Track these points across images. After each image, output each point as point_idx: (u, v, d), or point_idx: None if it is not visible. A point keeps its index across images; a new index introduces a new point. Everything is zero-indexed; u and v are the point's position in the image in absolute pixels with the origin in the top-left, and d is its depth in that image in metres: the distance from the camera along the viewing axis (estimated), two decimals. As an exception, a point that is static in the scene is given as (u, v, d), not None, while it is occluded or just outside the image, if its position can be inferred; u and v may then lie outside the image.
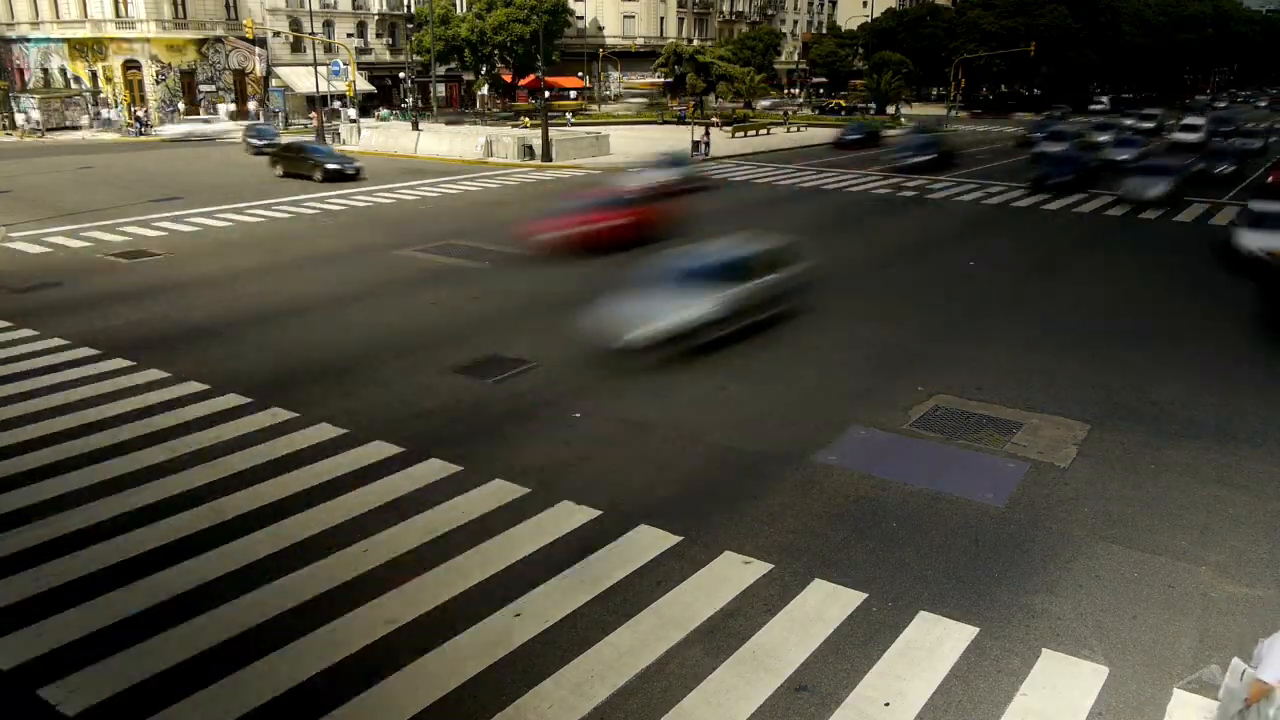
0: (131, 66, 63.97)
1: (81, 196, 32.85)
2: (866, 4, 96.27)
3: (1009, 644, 7.92)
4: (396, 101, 75.18)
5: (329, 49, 67.03)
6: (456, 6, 76.12)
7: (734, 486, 10.78)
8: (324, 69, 58.82)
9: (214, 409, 12.92)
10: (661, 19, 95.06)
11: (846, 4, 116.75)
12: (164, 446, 11.67)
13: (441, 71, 75.99)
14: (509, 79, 79.89)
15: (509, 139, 46.96)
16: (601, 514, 10.04)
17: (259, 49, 67.78)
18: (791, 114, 70.78)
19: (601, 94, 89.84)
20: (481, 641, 7.86)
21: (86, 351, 15.46)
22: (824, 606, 8.41)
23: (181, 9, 64.83)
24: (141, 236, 25.79)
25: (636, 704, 7.15)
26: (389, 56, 76.28)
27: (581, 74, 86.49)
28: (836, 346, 16.09)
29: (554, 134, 46.05)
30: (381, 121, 54.44)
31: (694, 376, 14.41)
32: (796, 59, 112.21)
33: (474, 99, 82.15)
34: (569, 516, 10.01)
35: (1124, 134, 50.35)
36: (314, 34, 67.24)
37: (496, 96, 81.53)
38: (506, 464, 11.27)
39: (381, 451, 11.61)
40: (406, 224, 27.93)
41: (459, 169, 41.56)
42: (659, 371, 14.57)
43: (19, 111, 59.31)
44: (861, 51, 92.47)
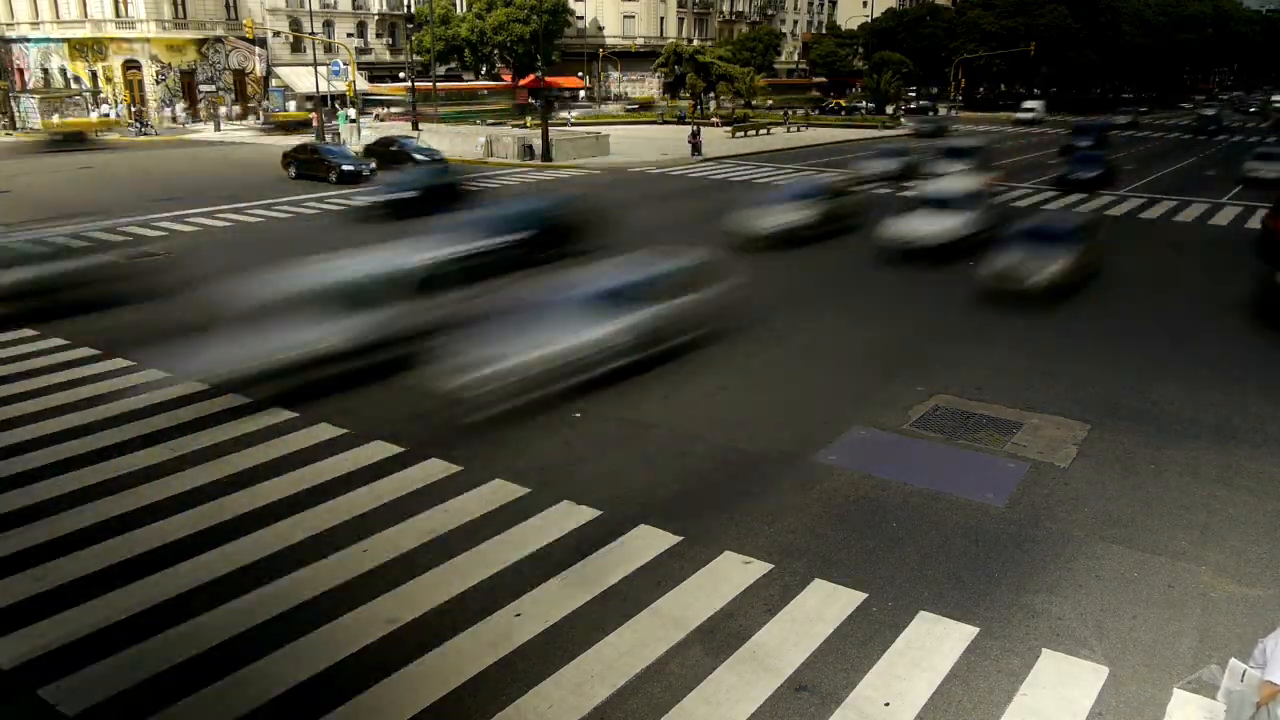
0: (131, 66, 63.99)
1: (81, 196, 32.83)
2: (866, 4, 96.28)
3: (1009, 644, 7.92)
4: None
5: (329, 49, 67.03)
6: (456, 6, 76.17)
7: (734, 486, 10.78)
8: (324, 69, 58.84)
9: (214, 409, 12.92)
10: (661, 19, 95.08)
11: (846, 4, 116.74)
12: (164, 446, 11.67)
13: (441, 71, 76.03)
14: (509, 79, 79.90)
15: (509, 139, 46.96)
16: (601, 514, 10.04)
17: (259, 49, 67.80)
18: (792, 114, 70.78)
19: (602, 94, 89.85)
20: (481, 641, 7.86)
21: (86, 351, 15.46)
22: (824, 606, 8.41)
23: (181, 9, 64.85)
24: (141, 236, 25.79)
25: (636, 704, 7.15)
26: (389, 56, 76.29)
27: (581, 74, 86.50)
28: (837, 346, 16.08)
29: (554, 134, 46.04)
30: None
31: (694, 376, 14.41)
32: (796, 59, 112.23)
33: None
34: (569, 516, 10.01)
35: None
36: (314, 34, 67.26)
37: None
38: (506, 464, 11.27)
39: (381, 451, 11.61)
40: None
41: (457, 168, 41.47)
42: (659, 371, 14.56)
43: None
44: (861, 51, 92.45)
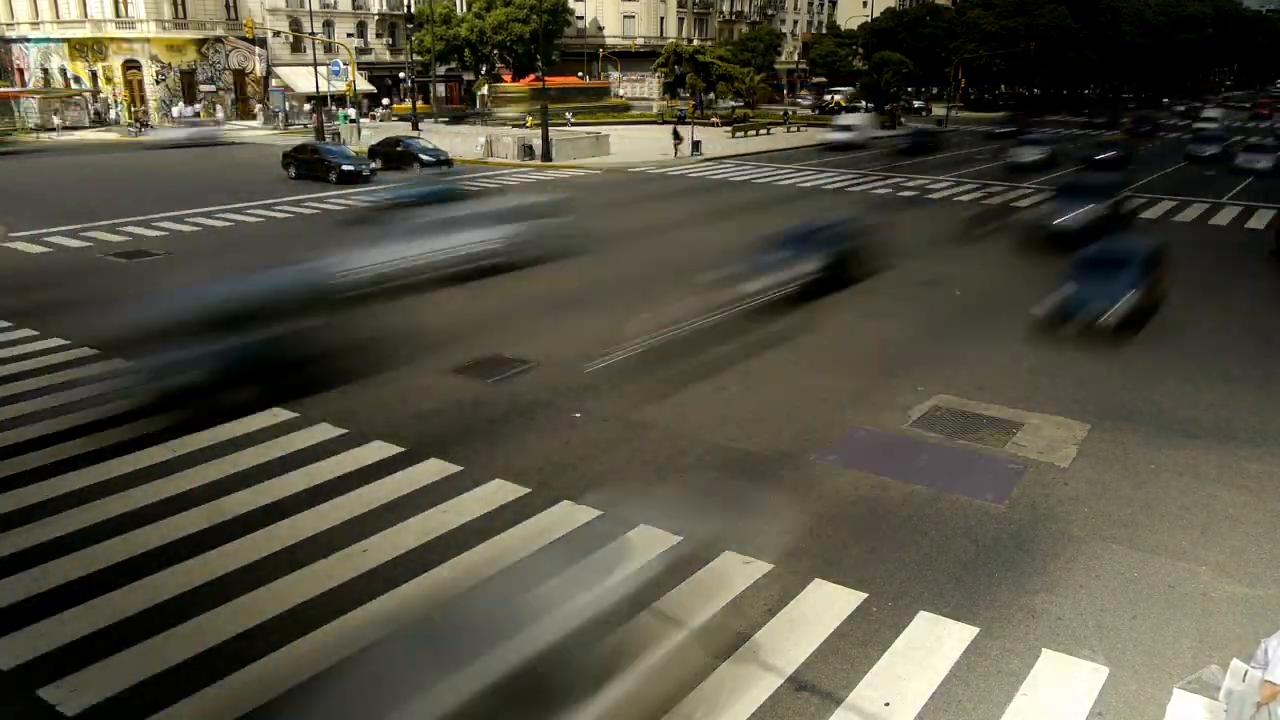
0: (131, 66, 63.97)
1: (81, 196, 32.83)
2: (866, 4, 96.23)
3: (1009, 644, 7.92)
4: (397, 101, 75.17)
5: (329, 49, 67.02)
6: (457, 6, 76.15)
7: (734, 486, 10.78)
8: (324, 69, 58.83)
9: (214, 409, 12.90)
10: (661, 19, 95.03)
11: (846, 4, 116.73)
12: (164, 446, 11.67)
13: (441, 71, 76.01)
14: (509, 79, 79.87)
15: (509, 139, 46.96)
16: (601, 514, 10.04)
17: (259, 49, 67.77)
18: (792, 114, 70.79)
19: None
20: (481, 641, 7.85)
21: (86, 351, 15.45)
22: (824, 606, 8.41)
23: (181, 9, 64.83)
24: (141, 236, 25.79)
25: (637, 704, 7.14)
26: (389, 56, 76.25)
27: (581, 74, 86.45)
28: (836, 346, 16.08)
29: (554, 134, 46.04)
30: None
31: (694, 376, 14.41)
32: (796, 59, 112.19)
33: (474, 99, 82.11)
34: (569, 516, 10.01)
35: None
36: (314, 34, 67.24)
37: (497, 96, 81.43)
38: (506, 464, 11.27)
39: (381, 451, 11.61)
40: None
41: (459, 170, 41.52)
42: (659, 372, 14.57)
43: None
44: (861, 51, 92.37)
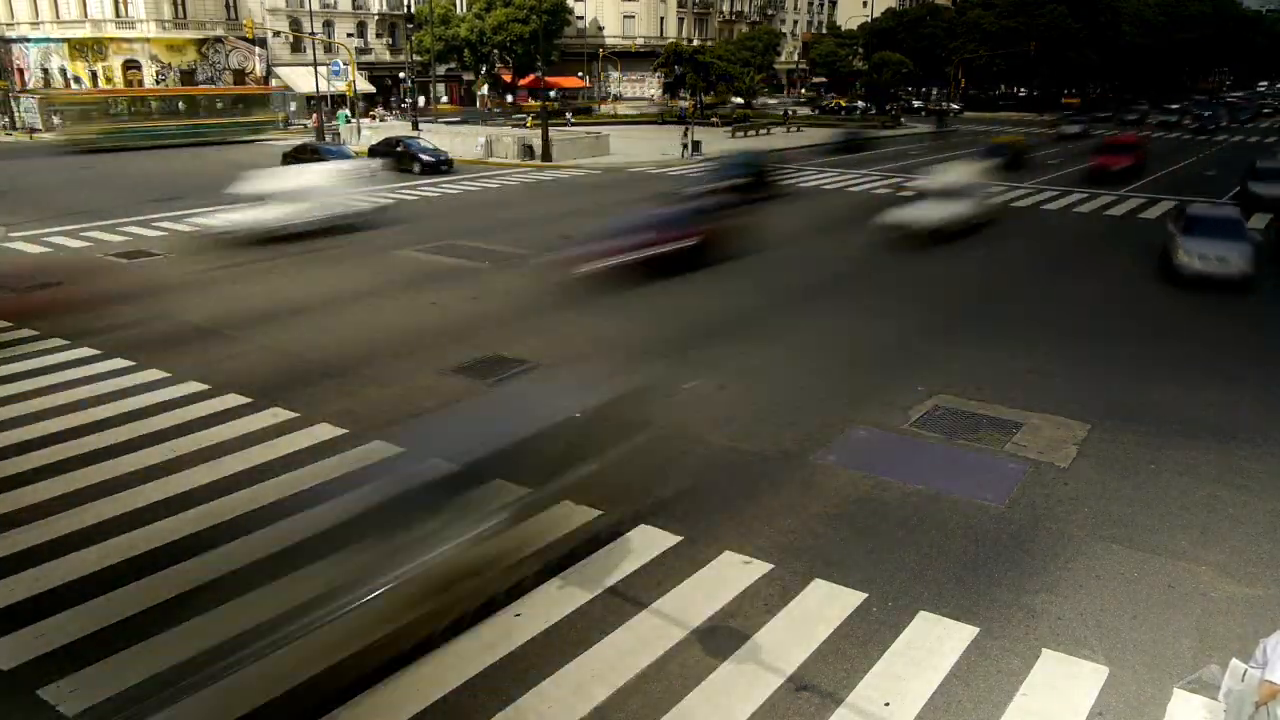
0: (131, 66, 64.02)
1: (81, 196, 32.84)
2: (866, 4, 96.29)
3: (1009, 644, 7.92)
4: (396, 101, 75.22)
5: (329, 49, 67.03)
6: (457, 6, 76.16)
7: (734, 486, 10.78)
8: (324, 69, 58.85)
9: (214, 409, 12.92)
10: (661, 19, 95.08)
11: (846, 4, 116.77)
12: (164, 446, 11.67)
13: (441, 71, 76.04)
14: (509, 79, 79.91)
15: (509, 139, 46.98)
16: (601, 514, 10.04)
17: (259, 49, 67.82)
18: (792, 113, 70.82)
19: (601, 94, 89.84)
20: (481, 641, 7.86)
21: (86, 351, 15.45)
22: (824, 606, 8.41)
23: (181, 9, 64.88)
24: (141, 236, 25.79)
25: (636, 704, 7.15)
26: (389, 56, 76.30)
27: (581, 74, 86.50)
28: (836, 346, 16.08)
29: (554, 134, 46.07)
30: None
31: (694, 376, 14.41)
32: (796, 59, 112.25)
33: (474, 98, 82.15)
34: (569, 516, 10.00)
35: None
36: (314, 34, 67.26)
37: (497, 96, 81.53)
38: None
39: (381, 451, 11.58)
40: (408, 223, 27.93)
41: (459, 169, 41.55)
42: (659, 371, 14.57)
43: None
44: (861, 51, 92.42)
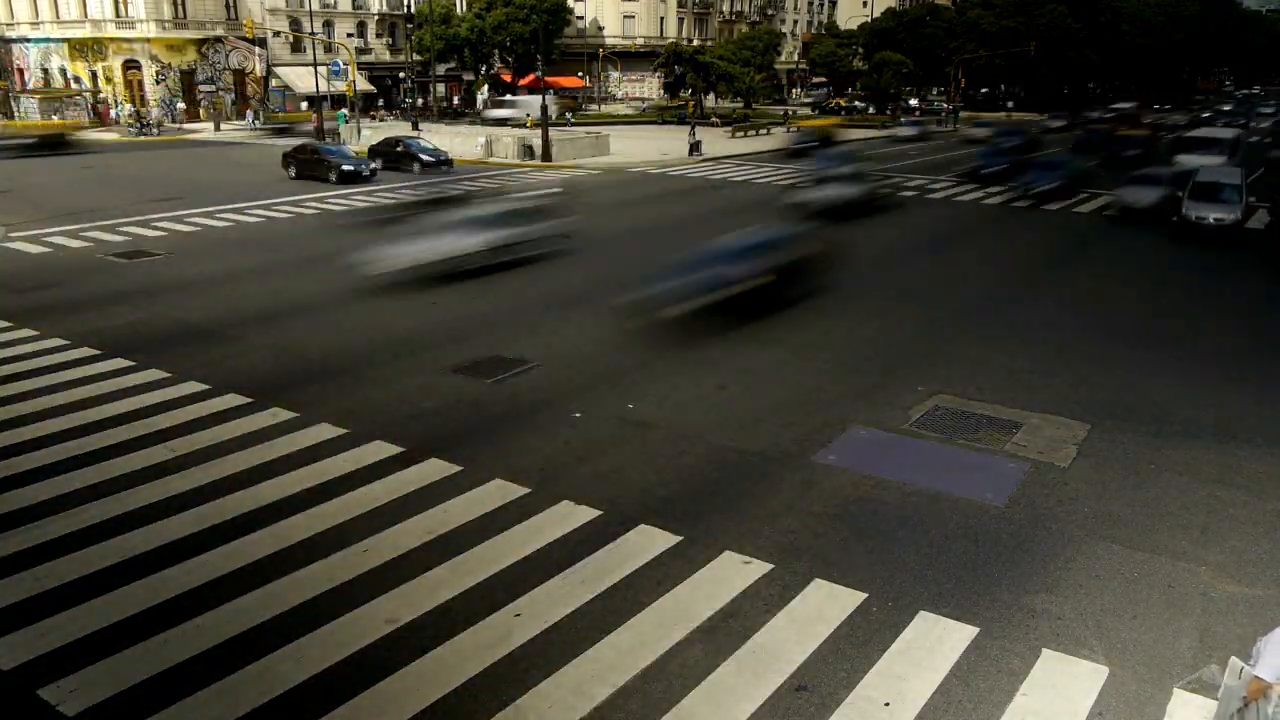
0: (131, 66, 64.00)
1: (81, 196, 32.85)
2: (866, 4, 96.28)
3: (1009, 644, 7.92)
4: (396, 101, 75.21)
5: (329, 49, 67.02)
6: (457, 6, 76.13)
7: (734, 486, 10.78)
8: (324, 69, 58.83)
9: (214, 409, 12.92)
10: (661, 19, 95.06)
11: (846, 4, 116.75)
12: (164, 446, 11.67)
13: (441, 71, 76.01)
14: (509, 79, 79.88)
15: (509, 139, 46.98)
16: (601, 514, 10.04)
17: (259, 49, 67.79)
18: (792, 114, 70.80)
19: (601, 94, 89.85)
20: (481, 641, 7.86)
21: (86, 351, 15.45)
22: (824, 606, 8.41)
23: (181, 9, 64.85)
24: (141, 236, 25.80)
25: (636, 704, 7.15)
26: (389, 56, 76.29)
27: (581, 74, 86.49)
28: (837, 345, 16.08)
29: (554, 134, 46.06)
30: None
31: (694, 376, 14.42)
32: (796, 59, 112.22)
33: (474, 98, 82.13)
34: (569, 516, 10.01)
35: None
36: (314, 34, 67.24)
37: (497, 96, 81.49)
38: (506, 464, 11.27)
39: (381, 451, 11.61)
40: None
41: (460, 169, 41.55)
42: (659, 371, 14.58)
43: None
44: (861, 51, 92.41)
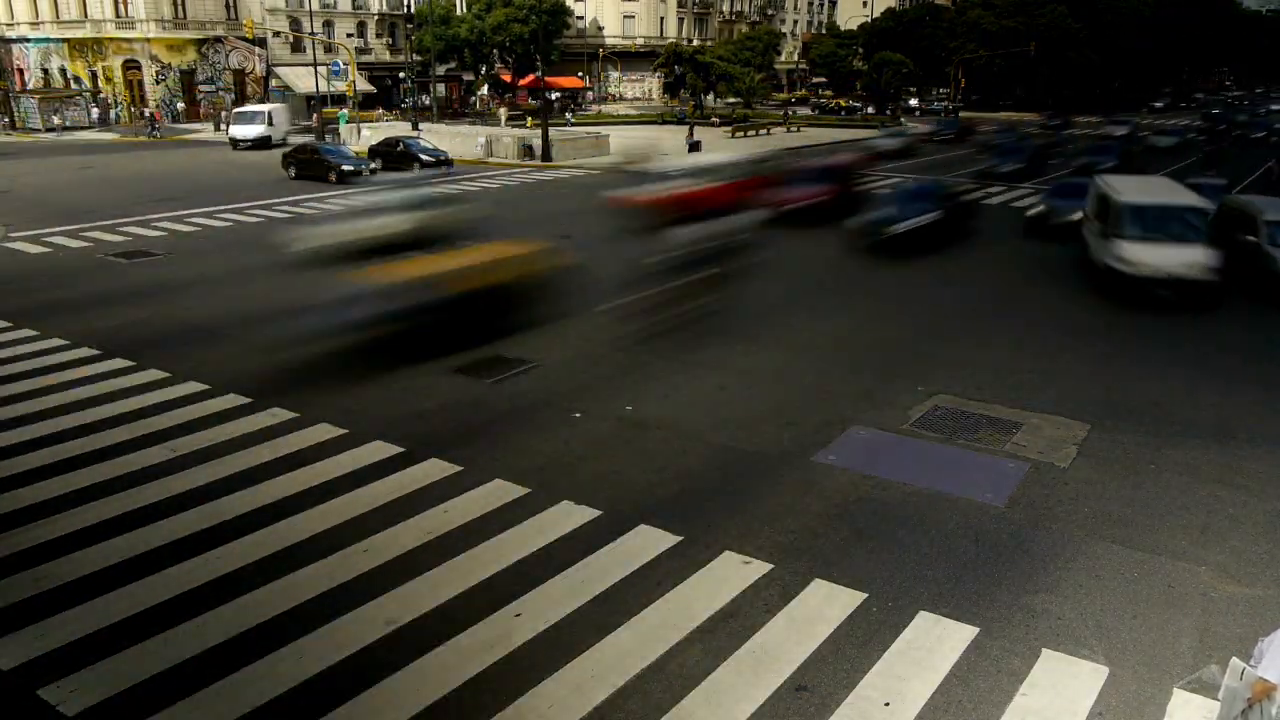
0: (131, 66, 64.02)
1: (81, 196, 32.84)
2: (866, 4, 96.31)
3: (1009, 644, 7.92)
4: (397, 101, 75.19)
5: (329, 49, 67.03)
6: (456, 6, 76.14)
7: (734, 486, 10.78)
8: (324, 69, 58.85)
9: (214, 409, 12.92)
10: (661, 19, 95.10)
11: (846, 4, 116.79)
12: (164, 446, 11.67)
13: (441, 71, 76.02)
14: (509, 79, 79.89)
15: (509, 139, 47.01)
16: (601, 514, 10.04)
17: (259, 49, 67.81)
18: (792, 114, 70.84)
19: (601, 94, 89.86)
20: (481, 641, 7.86)
21: (86, 351, 15.45)
22: (824, 606, 8.41)
23: (181, 9, 64.86)
24: (141, 236, 25.80)
25: (636, 704, 7.15)
26: (389, 56, 76.30)
27: (581, 74, 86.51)
28: (837, 346, 16.08)
29: (554, 134, 46.09)
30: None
31: (694, 376, 14.42)
32: (796, 59, 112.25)
33: (474, 98, 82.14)
34: (569, 516, 10.01)
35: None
36: (314, 34, 67.26)
37: (496, 96, 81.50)
38: (506, 464, 11.27)
39: (381, 451, 11.61)
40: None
41: (460, 169, 41.56)
42: (659, 371, 14.58)
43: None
44: (861, 51, 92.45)
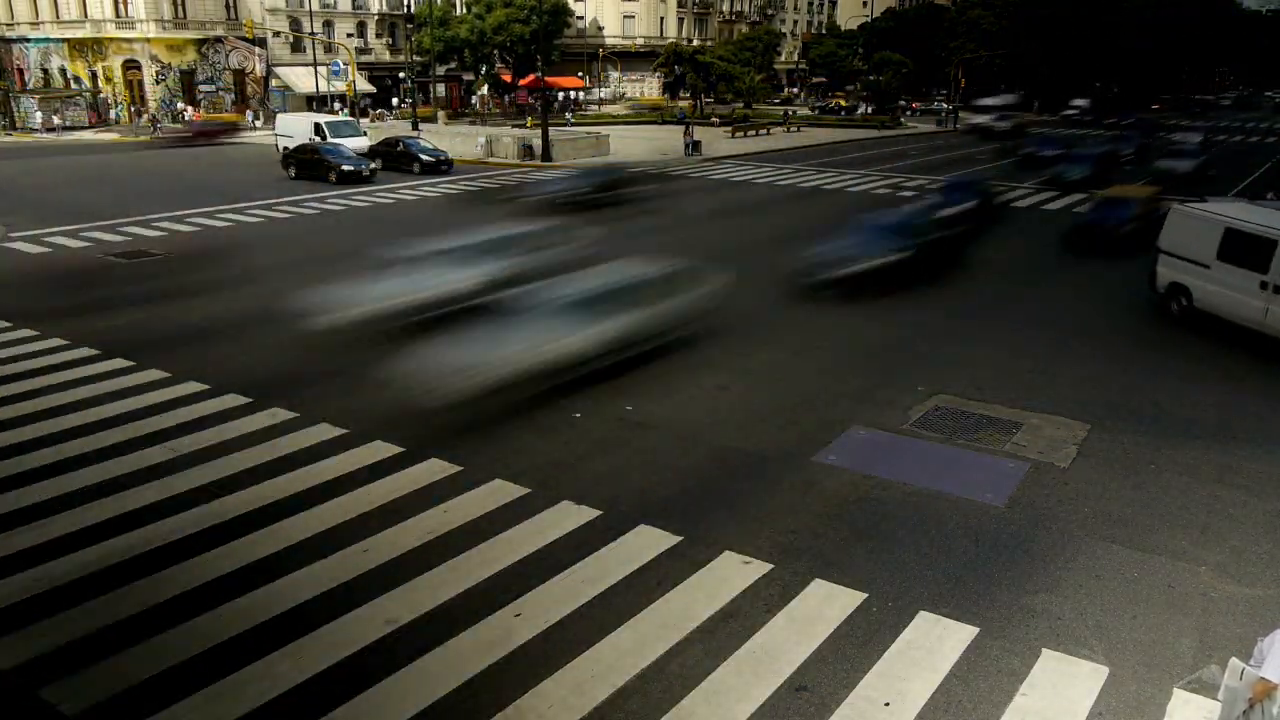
0: (131, 66, 64.01)
1: (81, 196, 32.84)
2: (866, 4, 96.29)
3: (1009, 644, 7.92)
4: (397, 101, 75.17)
5: (329, 49, 67.03)
6: (456, 7, 76.13)
7: (734, 486, 10.78)
8: (324, 69, 58.84)
9: (214, 409, 12.92)
10: (661, 19, 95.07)
11: (846, 4, 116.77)
12: (164, 446, 11.67)
13: (441, 71, 76.01)
14: (509, 79, 79.86)
15: (508, 139, 47.00)
16: (601, 514, 10.04)
17: (259, 49, 67.77)
18: (792, 114, 70.83)
19: (600, 94, 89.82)
20: (481, 641, 7.86)
21: (86, 351, 15.45)
22: (824, 606, 8.41)
23: (181, 9, 64.84)
24: (141, 236, 25.80)
25: (636, 704, 7.16)
26: (389, 56, 76.26)
27: (581, 74, 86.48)
28: (837, 346, 16.08)
29: (554, 134, 46.08)
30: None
31: (694, 376, 14.42)
32: (796, 59, 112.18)
33: (474, 98, 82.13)
34: (569, 516, 10.01)
35: None
36: (314, 34, 67.27)
37: (496, 96, 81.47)
38: (506, 464, 11.27)
39: (381, 451, 11.61)
40: (409, 223, 27.91)
41: (460, 169, 41.56)
42: (659, 371, 14.57)
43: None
44: (861, 51, 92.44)
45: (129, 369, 14.59)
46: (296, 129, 43.91)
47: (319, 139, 42.42)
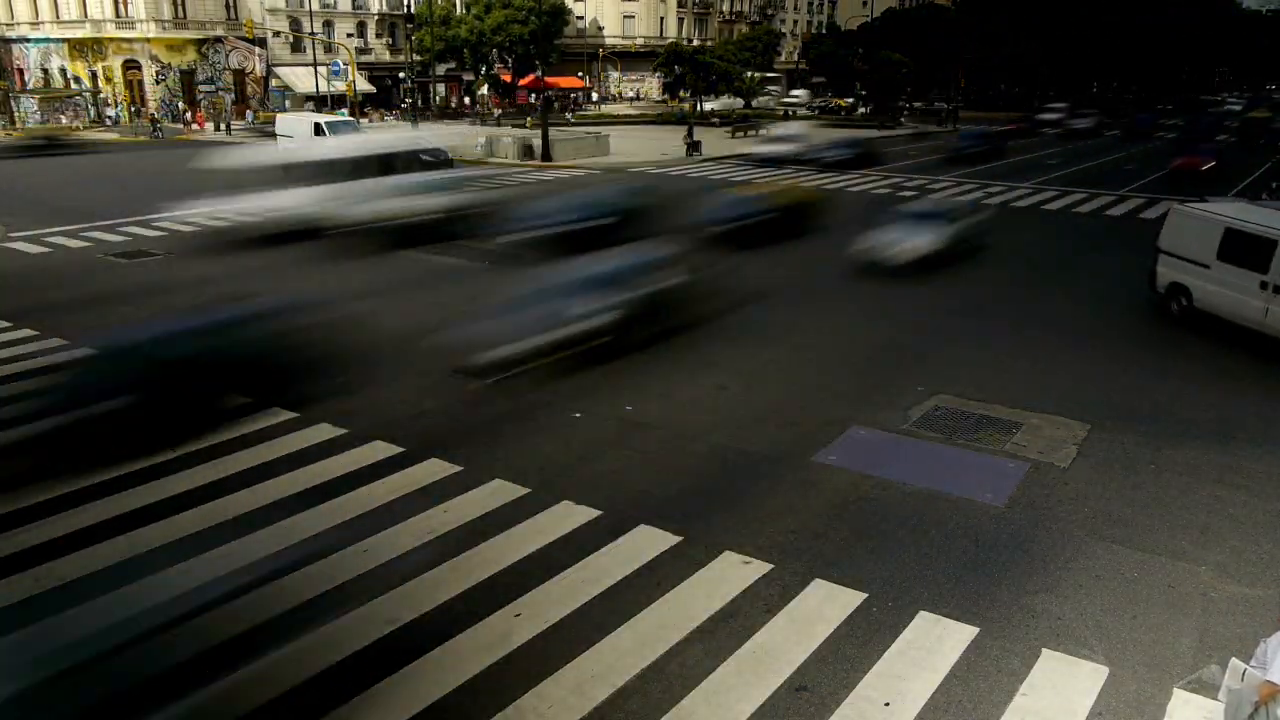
0: (131, 66, 64.01)
1: (81, 196, 32.82)
2: (866, 4, 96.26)
3: (1009, 644, 7.93)
4: (396, 101, 75.19)
5: (329, 49, 67.03)
6: (456, 7, 76.13)
7: (734, 486, 10.78)
8: (324, 69, 58.83)
9: (214, 409, 12.90)
10: (661, 19, 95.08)
11: (846, 4, 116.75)
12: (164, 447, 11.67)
13: (441, 71, 76.02)
14: (509, 79, 79.85)
15: (509, 139, 46.99)
16: (601, 514, 10.04)
17: (259, 49, 67.78)
18: (792, 114, 70.81)
19: (600, 94, 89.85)
20: (481, 641, 7.86)
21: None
22: (824, 606, 8.41)
23: (181, 9, 64.85)
24: (141, 236, 25.79)
25: (636, 704, 7.16)
26: (389, 56, 76.26)
27: (581, 74, 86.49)
28: (837, 346, 16.08)
29: (554, 134, 46.07)
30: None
31: (694, 376, 14.42)
32: (796, 59, 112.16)
33: (474, 99, 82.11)
34: (569, 516, 10.01)
35: None
36: (314, 34, 67.27)
37: (496, 96, 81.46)
38: (506, 464, 11.27)
39: (381, 451, 11.61)
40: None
41: (460, 169, 41.48)
42: (659, 371, 14.58)
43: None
44: (861, 52, 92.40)
45: (129, 369, 14.55)
46: (297, 129, 43.89)
47: (320, 138, 42.08)
